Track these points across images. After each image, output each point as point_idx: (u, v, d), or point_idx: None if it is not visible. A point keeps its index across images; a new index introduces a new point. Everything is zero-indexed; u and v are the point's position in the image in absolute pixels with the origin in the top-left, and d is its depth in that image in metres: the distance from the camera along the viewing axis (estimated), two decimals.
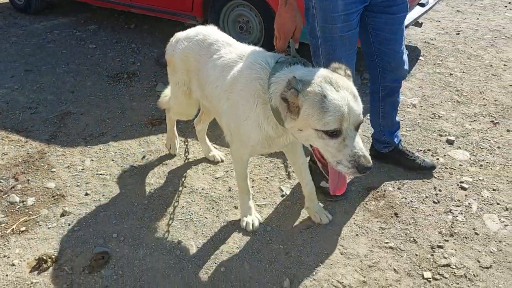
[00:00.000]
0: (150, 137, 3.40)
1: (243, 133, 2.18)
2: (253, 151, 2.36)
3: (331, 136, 1.77)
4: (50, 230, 2.56)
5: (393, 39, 2.50)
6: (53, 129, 3.49)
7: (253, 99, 2.06)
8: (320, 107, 1.74)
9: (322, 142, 1.80)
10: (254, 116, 2.09)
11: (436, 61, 4.56)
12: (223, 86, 2.23)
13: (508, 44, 4.95)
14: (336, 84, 1.78)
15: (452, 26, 5.49)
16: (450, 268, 2.28)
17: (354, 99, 1.79)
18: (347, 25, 2.36)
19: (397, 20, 2.46)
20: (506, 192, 2.79)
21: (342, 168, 1.80)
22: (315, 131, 1.79)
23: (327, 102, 1.74)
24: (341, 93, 1.76)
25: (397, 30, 2.48)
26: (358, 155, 1.75)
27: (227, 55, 2.27)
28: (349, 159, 1.76)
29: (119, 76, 4.32)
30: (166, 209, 2.71)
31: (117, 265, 2.34)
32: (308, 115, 1.77)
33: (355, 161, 1.75)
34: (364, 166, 1.75)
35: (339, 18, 2.33)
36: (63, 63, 4.57)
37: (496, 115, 3.62)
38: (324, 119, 1.73)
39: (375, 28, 2.50)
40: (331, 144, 1.78)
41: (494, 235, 2.48)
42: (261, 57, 2.12)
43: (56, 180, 2.95)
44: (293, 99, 1.78)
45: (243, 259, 2.36)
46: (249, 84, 2.07)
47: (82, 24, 5.58)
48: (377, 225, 2.56)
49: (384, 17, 2.45)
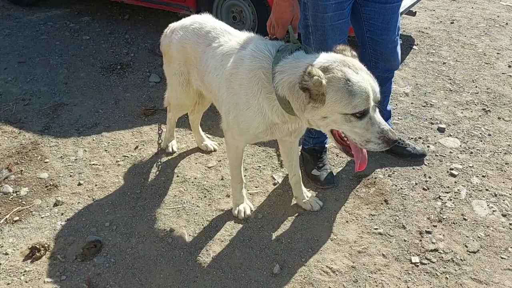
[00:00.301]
0: (143, 127, 3.41)
1: (243, 122, 2.17)
2: (253, 139, 2.36)
3: (358, 118, 1.80)
4: (43, 219, 2.59)
5: (386, 29, 2.50)
6: (46, 120, 3.50)
7: (256, 88, 2.06)
8: (347, 91, 1.75)
9: (349, 125, 1.82)
10: (256, 105, 2.09)
11: (429, 50, 4.57)
12: (223, 75, 2.22)
13: (502, 32, 4.95)
14: (353, 67, 1.81)
15: (447, 15, 5.49)
16: (438, 253, 2.32)
17: (373, 79, 1.84)
18: (339, 14, 2.36)
19: (390, 10, 2.45)
20: (495, 179, 2.82)
21: (372, 146, 1.84)
22: (343, 116, 1.80)
23: (353, 85, 1.75)
24: (361, 75, 1.79)
25: (390, 19, 2.47)
26: (386, 130, 1.81)
27: (227, 43, 2.26)
28: (378, 136, 1.81)
29: (112, 67, 4.32)
30: (158, 198, 2.73)
31: (109, 253, 2.37)
32: (335, 101, 1.77)
33: (384, 137, 1.80)
34: (393, 139, 1.81)
35: (330, 7, 2.33)
36: (57, 55, 4.57)
37: (488, 103, 3.63)
38: (353, 102, 1.75)
39: (367, 18, 2.50)
40: (359, 125, 1.81)
41: (482, 220, 2.52)
42: (262, 45, 2.10)
43: (49, 170, 2.96)
44: (317, 87, 1.75)
45: (235, 246, 2.39)
46: (252, 73, 2.07)
47: (76, 16, 5.56)
48: (367, 212, 2.59)
49: (377, 7, 2.45)
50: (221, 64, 2.25)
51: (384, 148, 1.85)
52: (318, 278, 2.21)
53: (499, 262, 2.26)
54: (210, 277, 2.23)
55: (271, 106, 2.04)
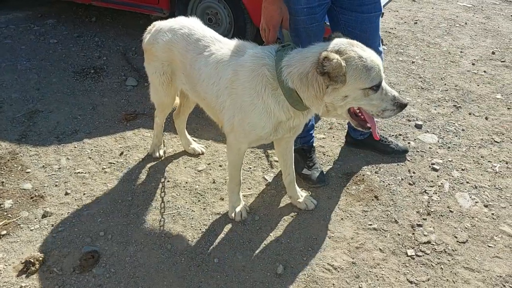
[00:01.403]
0: (126, 132, 3.35)
1: (248, 124, 2.20)
2: (258, 141, 2.38)
3: (375, 90, 1.94)
4: (33, 232, 2.49)
5: (364, 37, 2.54)
6: (22, 128, 3.36)
7: (260, 87, 2.10)
8: (364, 67, 1.89)
9: (367, 99, 1.96)
10: (261, 105, 2.13)
11: (398, 50, 4.75)
12: (221, 82, 2.25)
13: (463, 32, 5.22)
14: (359, 46, 1.97)
15: (410, 15, 5.72)
16: (431, 245, 2.43)
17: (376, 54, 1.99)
18: (311, 18, 2.42)
19: (368, 20, 2.52)
20: (473, 172, 2.98)
21: (388, 113, 2.00)
22: (362, 91, 1.94)
23: (367, 61, 1.90)
24: (368, 51, 1.95)
25: (367, 28, 2.54)
26: (397, 96, 1.99)
27: (219, 51, 2.29)
28: (392, 103, 1.97)
29: (85, 71, 4.20)
30: (151, 205, 2.70)
31: (108, 263, 2.32)
32: (355, 78, 1.90)
33: (397, 102, 1.98)
34: (405, 102, 2.00)
35: (302, 11, 2.39)
36: (24, 59, 4.38)
37: (458, 100, 3.83)
38: (371, 76, 1.90)
39: (346, 25, 2.56)
40: (376, 97, 1.96)
41: (467, 211, 2.66)
42: (260, 48, 2.18)
43: (33, 180, 2.85)
44: (337, 69, 1.87)
45: (235, 249, 2.41)
46: (255, 72, 2.11)
47: (39, 18, 5.35)
48: (359, 208, 2.68)
49: (354, 15, 2.51)
50: (216, 72, 2.27)
51: (398, 113, 2.04)
52: (321, 276, 2.26)
53: (487, 250, 2.41)
54: (215, 281, 2.23)
55: (277, 102, 2.09)
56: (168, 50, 2.52)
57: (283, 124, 2.18)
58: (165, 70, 2.61)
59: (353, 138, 3.11)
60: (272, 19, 2.29)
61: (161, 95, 2.73)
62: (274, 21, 2.29)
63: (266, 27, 2.33)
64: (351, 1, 2.46)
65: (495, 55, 4.64)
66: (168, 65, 2.58)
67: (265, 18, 2.31)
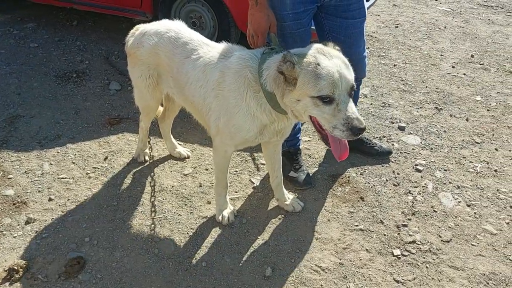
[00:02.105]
0: (110, 137, 3.32)
1: (234, 126, 2.21)
2: (243, 144, 2.38)
3: (325, 103, 1.86)
4: (16, 239, 2.45)
5: (349, 42, 2.58)
6: (3, 133, 3.29)
7: (243, 88, 2.11)
8: (314, 74, 1.85)
9: (318, 109, 1.89)
10: (245, 107, 2.13)
11: (380, 53, 4.82)
12: (208, 84, 2.25)
13: (442, 35, 5.33)
14: (328, 54, 1.91)
15: (391, 19, 5.81)
16: (416, 244, 2.47)
17: (346, 67, 1.92)
18: (297, 23, 2.44)
19: (352, 25, 2.55)
20: (456, 172, 3.04)
21: (338, 132, 1.88)
22: (311, 99, 1.88)
23: (320, 69, 1.85)
24: (333, 61, 1.89)
25: (352, 34, 2.57)
26: (352, 118, 1.84)
27: (207, 54, 2.30)
28: (343, 123, 1.85)
29: (67, 75, 4.14)
30: (137, 209, 2.67)
31: (94, 269, 2.29)
32: (304, 83, 1.87)
33: (349, 124, 1.84)
34: (357, 127, 1.84)
35: (287, 16, 2.41)
36: (4, 64, 4.31)
37: (439, 102, 3.90)
38: (319, 85, 1.84)
39: (331, 30, 2.59)
40: (326, 110, 1.87)
41: (450, 211, 2.71)
42: (247, 51, 2.19)
43: (15, 187, 2.80)
44: (289, 71, 1.87)
45: (223, 252, 2.40)
46: (239, 73, 2.12)
47: (19, 22, 5.26)
48: (346, 210, 2.70)
49: (338, 21, 2.54)
50: (204, 74, 2.28)
51: (350, 137, 1.87)
52: (309, 277, 2.27)
53: (471, 249, 2.45)
54: (203, 285, 2.22)
55: (259, 105, 2.10)
56: (155, 53, 2.51)
57: (268, 127, 2.19)
58: (151, 74, 2.60)
59: None
60: (260, 26, 2.31)
61: (146, 98, 2.71)
62: (262, 28, 2.31)
63: (254, 34, 2.35)
64: (336, 7, 2.49)
65: (474, 58, 4.75)
66: (154, 68, 2.58)
67: (252, 25, 2.32)
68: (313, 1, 2.44)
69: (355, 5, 2.50)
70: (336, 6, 2.49)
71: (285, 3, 2.39)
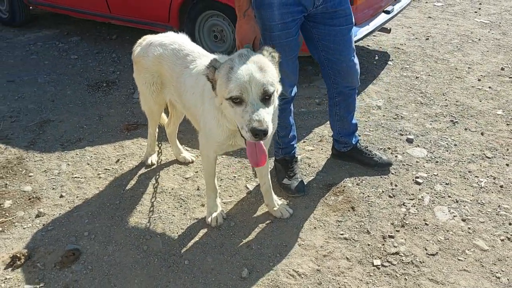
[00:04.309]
0: (125, 141, 3.55)
1: (208, 129, 2.36)
2: (220, 148, 2.50)
3: (236, 104, 1.97)
4: (25, 230, 2.70)
5: (338, 50, 2.64)
6: (32, 136, 3.63)
7: (209, 94, 2.25)
8: (226, 77, 1.98)
9: (232, 110, 2.01)
10: (212, 111, 2.28)
11: (403, 65, 4.76)
12: (197, 91, 2.43)
13: (474, 48, 5.16)
14: (246, 58, 2.01)
15: (422, 31, 5.70)
16: (399, 256, 2.45)
17: (259, 70, 1.98)
18: (285, 33, 2.52)
19: (340, 32, 2.60)
20: (458, 186, 2.96)
21: (244, 133, 1.97)
22: (227, 101, 2.01)
23: (232, 72, 1.97)
24: (246, 65, 1.98)
25: (340, 41, 2.62)
26: (253, 119, 1.90)
27: (201, 64, 2.45)
28: (247, 123, 1.92)
29: (98, 84, 4.47)
30: (136, 208, 2.85)
31: (87, 261, 2.48)
32: (220, 86, 2.03)
33: (250, 125, 1.90)
34: (257, 128, 1.88)
35: (276, 27, 2.50)
36: (45, 73, 4.73)
37: (456, 115, 3.80)
38: (228, 87, 1.96)
39: (319, 38, 2.65)
40: (238, 111, 1.98)
41: (443, 225, 2.65)
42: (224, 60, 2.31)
43: (33, 183, 3.09)
44: (211, 76, 2.06)
45: (207, 252, 2.51)
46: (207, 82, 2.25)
47: (65, 36, 5.74)
48: (334, 218, 2.72)
49: (326, 29, 2.60)
50: (196, 83, 2.44)
51: (251, 138, 1.92)
52: (284, 281, 2.32)
53: (456, 263, 2.39)
54: (182, 282, 2.34)
55: (221, 111, 2.20)
56: (158, 63, 2.71)
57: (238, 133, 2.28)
58: (155, 81, 2.79)
59: (337, 150, 3.16)
60: (245, 38, 2.42)
61: (150, 104, 2.92)
62: (247, 39, 2.42)
63: (240, 44, 2.47)
64: (323, 15, 2.56)
65: (504, 71, 4.56)
66: (157, 76, 2.77)
67: (239, 36, 2.44)
68: (300, 11, 2.52)
69: (341, 12, 2.55)
70: (322, 14, 2.55)
71: (273, 14, 2.49)
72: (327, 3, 2.51)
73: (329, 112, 3.04)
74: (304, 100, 4.05)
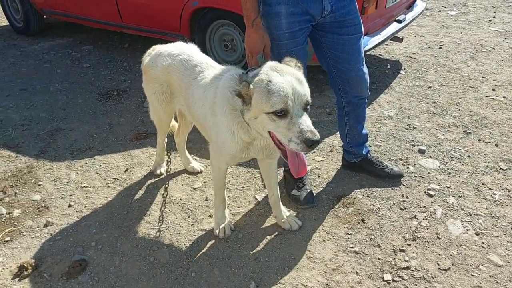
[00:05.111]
0: (135, 150, 3.55)
1: (221, 141, 2.33)
2: (232, 160, 2.48)
3: (280, 117, 1.92)
4: (33, 239, 2.70)
5: (347, 59, 2.62)
6: (43, 144, 3.65)
7: (223, 106, 2.23)
8: (267, 91, 1.92)
9: (274, 124, 1.95)
10: (226, 123, 2.25)
11: (416, 75, 4.70)
12: (206, 103, 2.40)
13: (488, 57, 5.08)
14: (281, 71, 1.98)
15: (436, 40, 5.64)
16: (410, 271, 2.39)
17: (298, 82, 1.96)
18: (293, 42, 2.50)
19: (349, 41, 2.58)
20: (471, 199, 2.89)
21: (293, 145, 1.92)
22: (266, 115, 1.95)
23: (272, 85, 1.92)
24: (285, 77, 1.95)
25: (349, 50, 2.60)
26: (305, 130, 1.88)
27: (210, 75, 2.45)
28: (297, 135, 1.89)
29: (109, 93, 4.50)
30: (144, 219, 2.84)
31: (93, 271, 2.47)
32: (258, 101, 1.95)
33: (302, 136, 1.87)
34: (310, 139, 1.86)
35: (283, 36, 2.48)
36: (57, 82, 4.77)
37: (470, 126, 3.73)
38: (271, 101, 1.90)
39: (328, 47, 2.63)
40: (281, 124, 1.92)
41: (455, 239, 2.58)
42: (235, 71, 2.31)
43: (42, 192, 3.09)
44: (245, 91, 1.97)
45: (214, 265, 2.48)
46: (222, 93, 2.25)
47: (78, 45, 5.80)
48: (343, 231, 2.67)
49: (335, 38, 2.58)
50: (204, 94, 2.42)
51: (304, 149, 1.89)
52: None
53: (469, 279, 2.32)
54: None
55: (236, 123, 2.19)
56: (167, 73, 2.70)
57: (252, 144, 2.26)
58: (164, 91, 2.79)
59: (347, 161, 3.12)
60: (254, 47, 2.41)
61: (159, 113, 2.91)
62: (256, 48, 2.41)
63: (249, 54, 2.45)
64: (332, 24, 2.53)
65: None
66: (167, 86, 2.76)
67: (248, 45, 2.43)
68: (308, 20, 2.50)
69: (350, 21, 2.53)
70: (331, 23, 2.53)
71: (280, 23, 2.48)
72: (335, 12, 2.49)
73: (339, 122, 3.01)
74: (314, 109, 4.01)
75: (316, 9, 2.45)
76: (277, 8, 2.43)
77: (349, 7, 2.51)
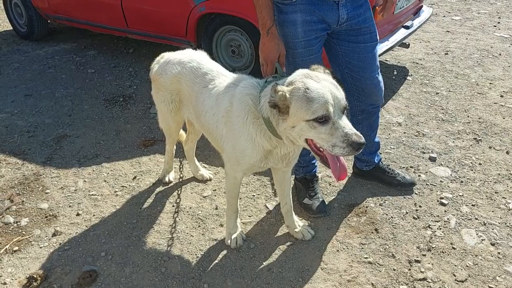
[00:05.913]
0: (142, 158, 3.52)
1: (239, 151, 2.28)
2: (250, 169, 2.44)
3: (321, 123, 1.87)
4: (41, 249, 2.66)
5: (363, 67, 2.59)
6: (49, 151, 3.61)
7: (244, 114, 2.19)
8: (306, 98, 1.87)
9: (314, 131, 1.90)
10: (246, 132, 2.20)
11: (423, 81, 4.68)
12: (219, 112, 2.36)
13: (495, 63, 5.06)
14: (316, 77, 1.94)
15: (441, 46, 5.62)
16: (426, 282, 2.35)
17: (335, 87, 1.93)
18: (309, 50, 2.48)
19: (364, 49, 2.55)
20: (485, 208, 2.86)
21: (338, 150, 1.87)
22: (306, 123, 1.90)
23: (311, 92, 1.87)
24: (322, 83, 1.91)
25: (365, 58, 2.57)
26: (350, 133, 1.85)
27: (221, 84, 2.41)
28: (342, 139, 1.85)
29: (115, 99, 4.46)
30: (153, 228, 2.80)
31: (104, 282, 2.43)
32: (297, 109, 1.90)
33: (348, 140, 1.84)
34: (357, 142, 1.83)
35: (299, 44, 2.46)
36: (62, 88, 4.74)
37: (479, 133, 3.70)
38: (312, 108, 1.85)
39: (343, 55, 2.61)
40: (323, 130, 1.88)
41: (471, 249, 2.55)
42: (252, 79, 2.29)
43: (50, 201, 3.05)
44: (282, 101, 1.90)
45: (226, 276, 2.44)
46: (241, 101, 2.20)
47: (82, 50, 5.77)
48: (357, 241, 2.64)
49: (351, 46, 2.55)
50: (217, 103, 2.38)
51: (351, 152, 1.86)
52: None
53: None
54: None
55: (259, 131, 2.15)
56: (177, 81, 2.66)
57: (272, 152, 2.23)
58: (173, 99, 2.75)
59: (359, 169, 3.09)
60: (269, 55, 2.39)
61: (168, 121, 2.87)
62: (271, 57, 2.39)
63: (264, 62, 2.43)
64: (347, 32, 2.51)
65: None
66: (176, 94, 2.72)
67: (263, 54, 2.41)
68: (324, 28, 2.48)
69: (366, 29, 2.50)
70: (347, 31, 2.50)
71: (296, 31, 2.45)
72: (351, 21, 2.46)
73: None
74: None
75: (333, 17, 2.42)
76: (294, 17, 2.41)
77: (365, 15, 2.49)
